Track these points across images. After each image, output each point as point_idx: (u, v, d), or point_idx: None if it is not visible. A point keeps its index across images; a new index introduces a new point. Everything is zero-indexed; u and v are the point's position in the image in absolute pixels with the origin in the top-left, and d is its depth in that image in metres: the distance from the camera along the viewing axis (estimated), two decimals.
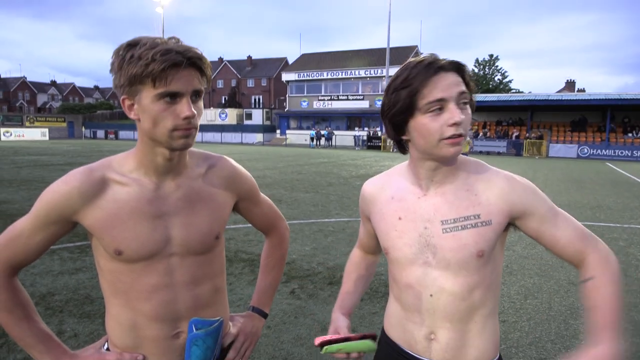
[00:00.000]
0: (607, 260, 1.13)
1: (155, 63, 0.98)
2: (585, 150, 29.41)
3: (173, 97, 1.03)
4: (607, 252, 1.15)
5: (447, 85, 1.05)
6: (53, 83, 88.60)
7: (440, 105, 1.06)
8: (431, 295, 1.16)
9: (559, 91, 46.00)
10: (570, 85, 49.83)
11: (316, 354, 3.16)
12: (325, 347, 1.20)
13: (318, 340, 1.21)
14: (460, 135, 1.06)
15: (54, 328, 3.43)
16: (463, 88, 1.07)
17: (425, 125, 1.07)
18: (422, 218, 1.17)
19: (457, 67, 1.09)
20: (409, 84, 1.07)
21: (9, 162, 17.48)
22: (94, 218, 1.09)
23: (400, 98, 1.08)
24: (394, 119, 1.13)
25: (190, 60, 1.03)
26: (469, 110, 1.10)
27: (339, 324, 1.31)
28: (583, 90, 45.58)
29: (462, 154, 1.19)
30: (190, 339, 1.17)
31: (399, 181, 1.25)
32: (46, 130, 45.86)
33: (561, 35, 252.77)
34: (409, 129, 1.12)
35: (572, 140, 31.34)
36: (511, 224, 1.17)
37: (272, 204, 1.48)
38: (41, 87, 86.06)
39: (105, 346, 1.24)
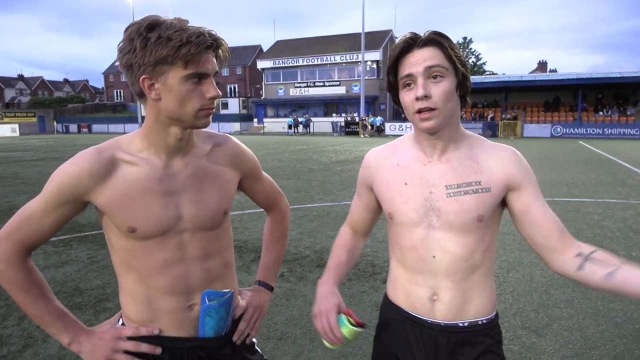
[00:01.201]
0: None
1: (191, 45, 1.02)
2: (559, 130, 30.10)
3: (199, 77, 1.08)
4: None
5: (415, 62, 1.13)
6: (21, 77, 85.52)
7: (409, 81, 1.15)
8: (434, 257, 1.22)
9: (532, 72, 46.78)
10: (542, 66, 50.73)
11: (310, 333, 3.23)
12: (347, 328, 1.17)
13: (345, 311, 1.21)
14: (429, 109, 1.13)
15: None
16: (433, 62, 1.12)
17: (402, 100, 1.19)
18: (428, 183, 1.22)
19: (433, 42, 1.14)
20: (389, 63, 1.18)
21: None
22: (105, 197, 1.12)
23: (387, 77, 1.21)
24: (392, 96, 1.24)
25: (216, 43, 1.08)
26: (446, 83, 1.14)
27: (340, 300, 1.26)
28: (555, 71, 46.43)
29: None
30: (204, 310, 1.22)
31: (404, 150, 1.31)
32: (16, 126, 44.57)
33: (534, 16, 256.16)
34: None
35: (546, 120, 32.04)
36: (505, 199, 1.23)
37: (273, 182, 1.52)
38: (8, 81, 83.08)
39: (120, 321, 1.27)
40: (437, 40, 1.14)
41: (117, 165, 1.13)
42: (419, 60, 1.13)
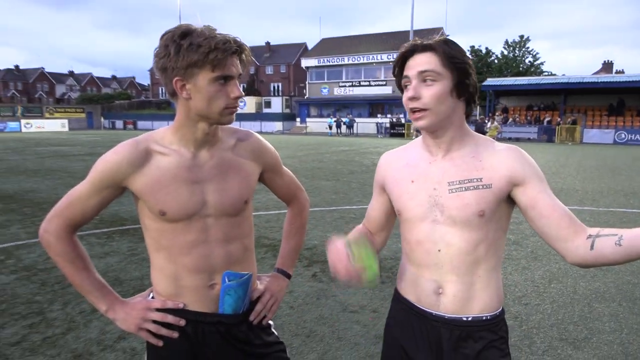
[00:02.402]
0: None
1: (219, 51, 1.21)
2: (623, 136, 28.70)
3: (225, 79, 1.26)
4: None
5: (412, 66, 1.28)
6: (71, 73, 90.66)
7: (407, 83, 1.29)
8: (439, 251, 1.33)
9: (596, 73, 44.80)
10: (607, 66, 48.44)
11: (338, 332, 3.36)
12: (354, 243, 1.30)
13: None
14: (418, 110, 1.27)
15: (88, 307, 3.71)
16: (426, 67, 1.25)
17: (403, 99, 1.32)
18: (432, 180, 1.34)
19: (430, 48, 1.27)
20: (396, 66, 1.34)
21: (32, 153, 18.18)
22: (140, 183, 1.32)
23: (396, 78, 1.37)
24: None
25: (240, 49, 1.27)
26: (437, 87, 1.25)
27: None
28: (622, 72, 44.24)
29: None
30: (224, 289, 1.40)
31: (414, 151, 1.44)
32: (66, 121, 47.21)
33: (603, 11, 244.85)
34: None
35: (609, 125, 30.62)
36: (511, 197, 1.31)
37: (293, 176, 1.68)
38: (59, 77, 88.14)
39: (151, 295, 1.48)
40: (433, 46, 1.27)
41: (151, 156, 1.33)
42: (415, 65, 1.28)
